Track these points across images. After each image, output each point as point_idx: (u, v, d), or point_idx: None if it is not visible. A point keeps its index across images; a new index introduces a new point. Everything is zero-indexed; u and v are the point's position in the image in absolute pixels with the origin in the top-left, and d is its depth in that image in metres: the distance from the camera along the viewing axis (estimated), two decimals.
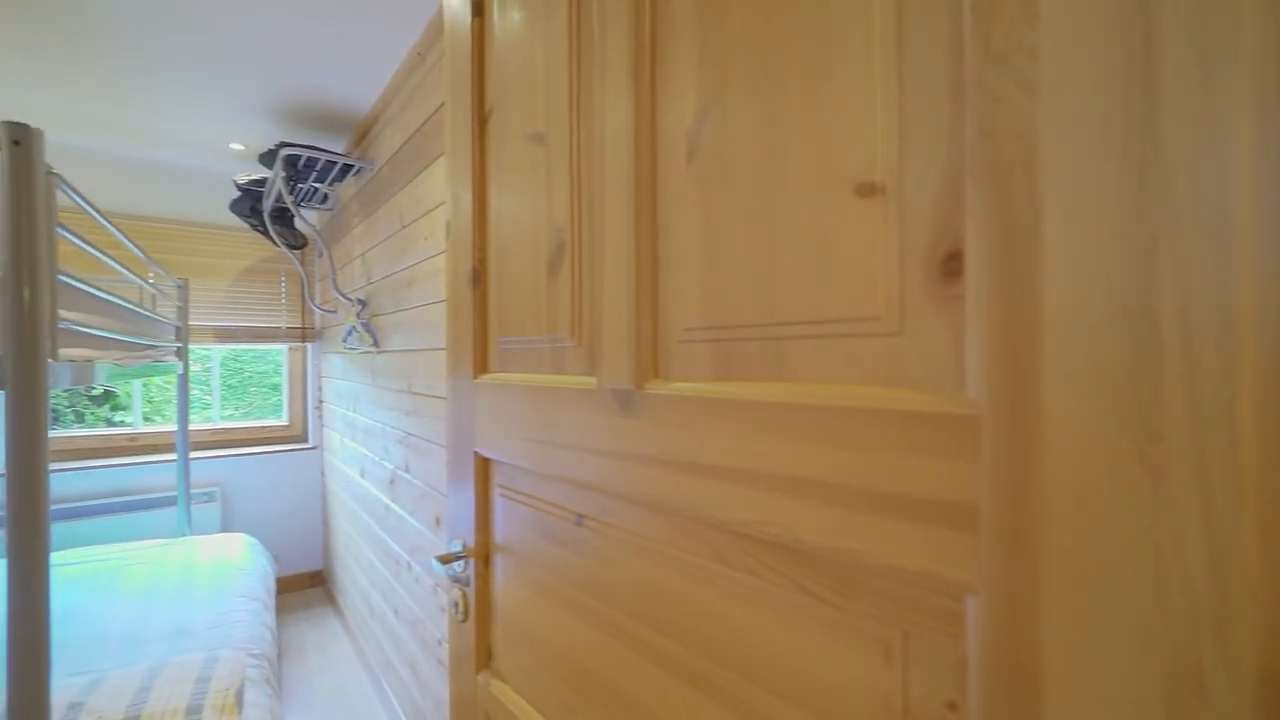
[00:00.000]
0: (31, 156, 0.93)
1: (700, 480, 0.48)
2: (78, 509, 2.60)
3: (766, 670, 0.45)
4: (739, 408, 0.44)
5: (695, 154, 0.49)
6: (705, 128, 0.48)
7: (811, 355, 0.41)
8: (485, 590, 0.82)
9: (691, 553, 0.50)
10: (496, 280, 0.78)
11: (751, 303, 0.45)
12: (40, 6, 1.52)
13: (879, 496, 0.36)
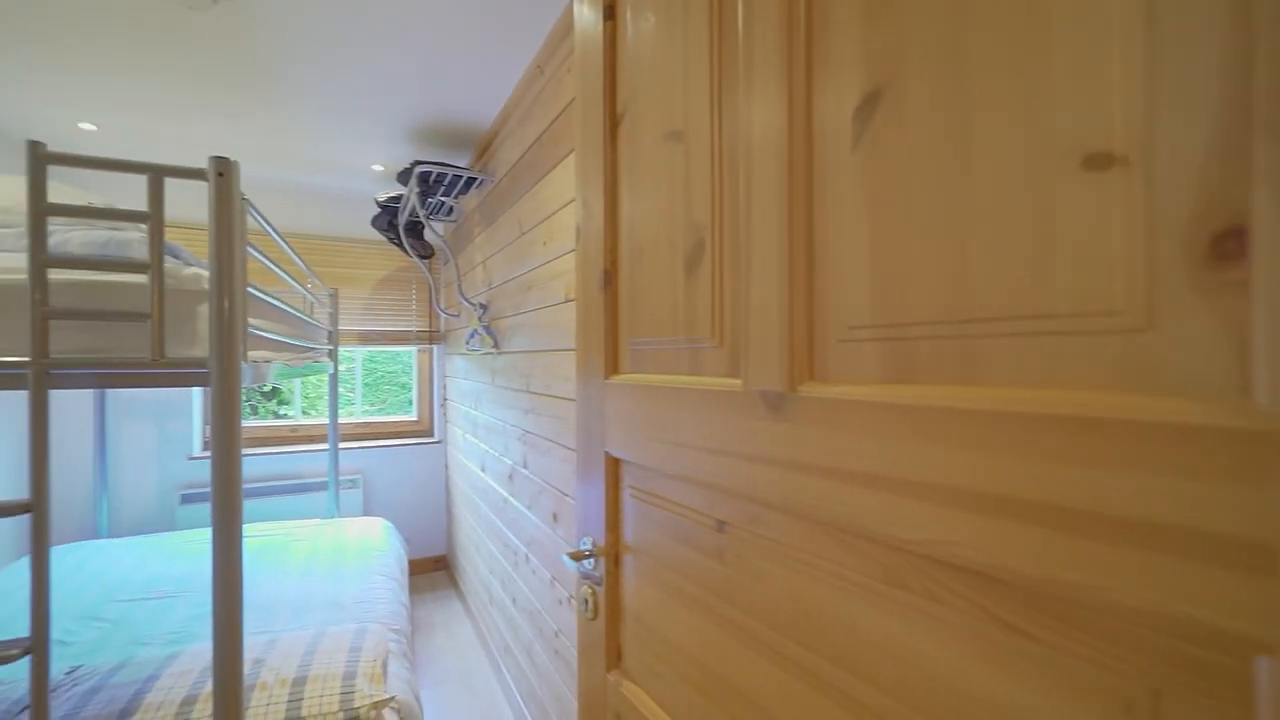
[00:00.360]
0: (231, 185, 1.07)
1: (866, 492, 0.44)
2: (252, 490, 3.00)
3: (945, 705, 0.40)
4: (916, 414, 0.40)
5: (862, 140, 0.45)
6: (875, 111, 0.44)
7: (1015, 356, 0.36)
8: (615, 590, 0.82)
9: (853, 569, 0.46)
10: (628, 281, 0.78)
11: (934, 297, 0.40)
12: (227, 63, 1.78)
13: (1122, 524, 0.30)
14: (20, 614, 1.77)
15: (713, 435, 0.60)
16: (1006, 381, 0.37)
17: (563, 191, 1.57)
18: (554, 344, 1.66)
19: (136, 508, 2.87)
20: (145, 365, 1.04)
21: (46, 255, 0.97)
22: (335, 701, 1.31)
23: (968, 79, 0.38)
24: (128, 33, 1.65)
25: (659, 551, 0.72)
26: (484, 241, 2.42)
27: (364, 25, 1.64)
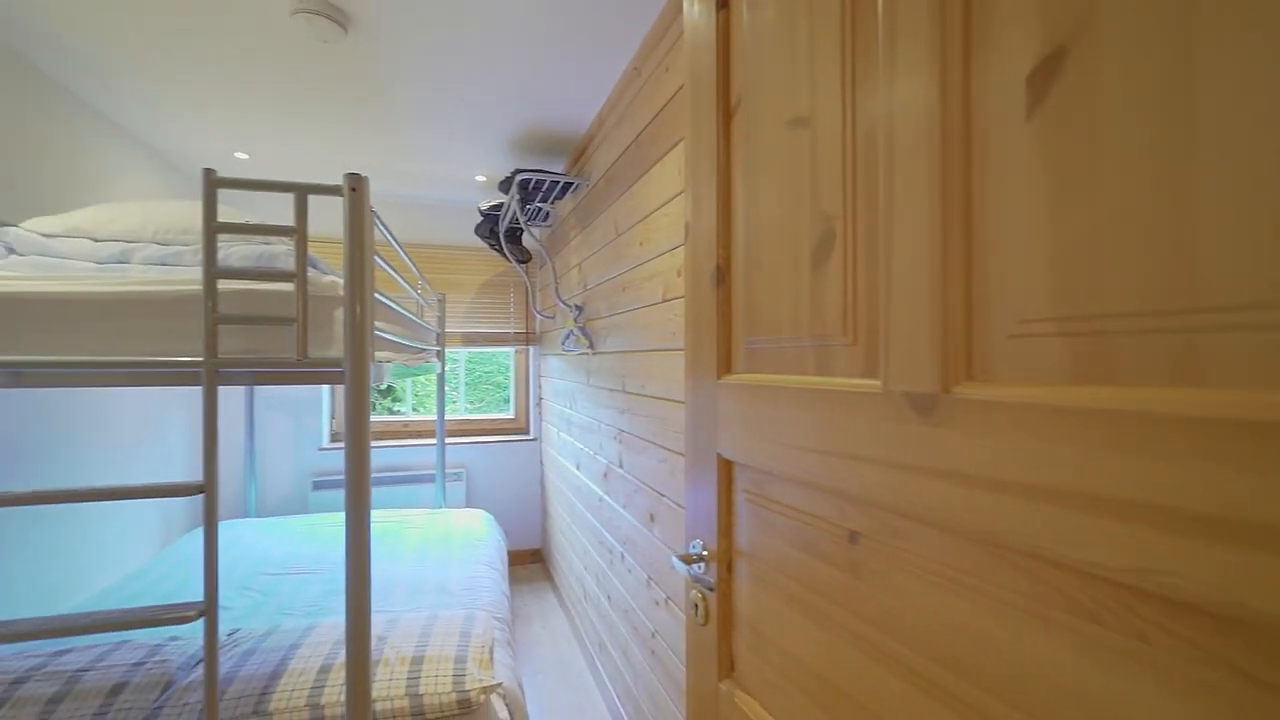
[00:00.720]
0: (362, 199, 1.16)
1: (1046, 509, 0.38)
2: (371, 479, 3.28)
3: None
4: (1120, 420, 0.34)
5: (1040, 108, 0.40)
6: (1056, 73, 0.39)
7: (1259, 352, 0.30)
8: (727, 596, 0.80)
9: (1028, 595, 0.41)
10: (743, 278, 0.75)
11: (1142, 283, 0.35)
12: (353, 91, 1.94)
13: None
14: (191, 580, 2.04)
15: (843, 439, 0.56)
16: (1243, 383, 0.30)
17: (661, 191, 1.57)
18: (650, 344, 1.66)
19: (277, 491, 3.23)
20: (291, 364, 1.15)
21: (216, 268, 1.10)
22: (449, 683, 1.39)
23: (1192, 13, 0.32)
24: (272, 70, 1.85)
25: (778, 559, 0.68)
26: (579, 244, 2.48)
27: (470, 47, 1.73)
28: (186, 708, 1.25)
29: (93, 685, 1.27)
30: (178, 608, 1.07)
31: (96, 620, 1.04)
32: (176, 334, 1.15)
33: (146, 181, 2.49)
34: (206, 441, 1.09)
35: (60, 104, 1.96)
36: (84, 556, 2.09)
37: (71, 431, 2.01)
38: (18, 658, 1.37)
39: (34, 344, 1.09)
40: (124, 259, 1.28)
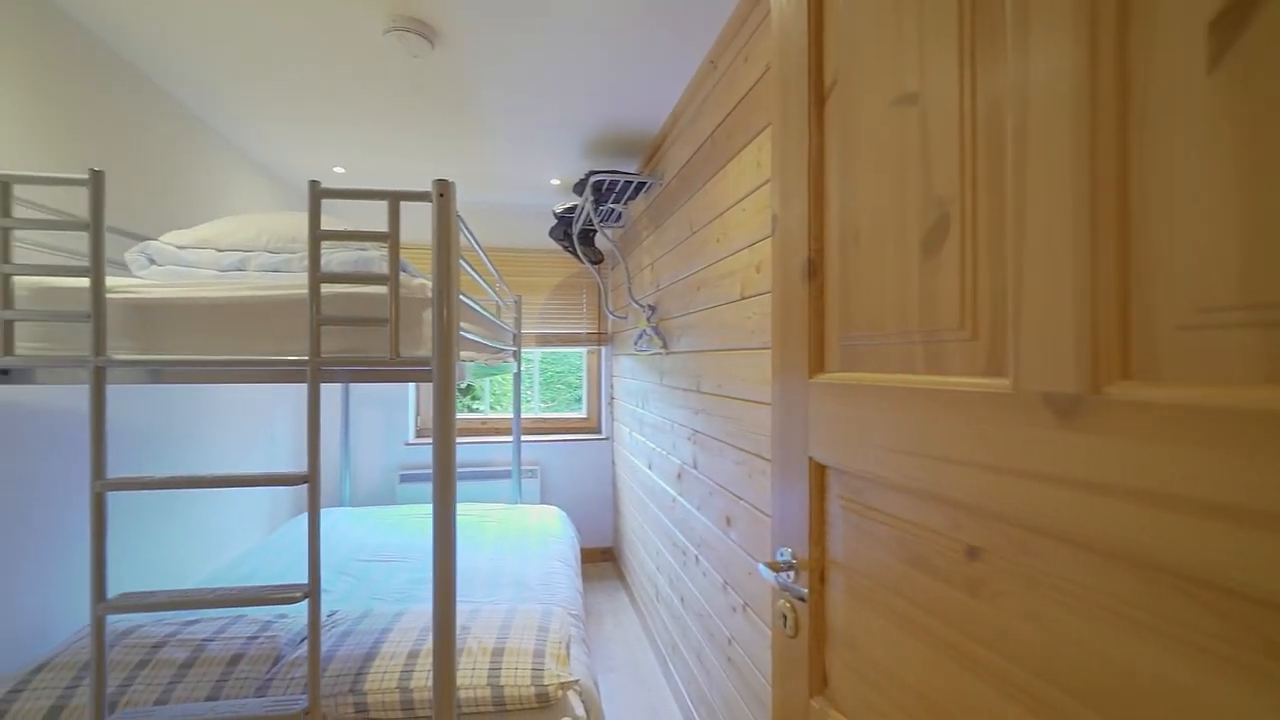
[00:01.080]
0: (449, 204, 1.21)
1: (1229, 530, 0.32)
2: None
3: None
4: None
5: (1229, 54, 0.34)
6: (1253, 13, 0.33)
7: None
8: (820, 609, 0.75)
9: (1210, 635, 0.35)
10: (838, 271, 0.71)
11: None
12: (438, 103, 2.04)
13: None
14: (296, 562, 2.21)
15: (959, 444, 0.51)
16: None
17: (738, 186, 1.53)
18: (726, 343, 1.62)
19: (368, 483, 3.45)
20: (385, 363, 1.21)
21: (320, 273, 1.18)
22: (528, 676, 1.41)
23: None
24: (366, 87, 1.97)
25: (879, 572, 0.63)
26: (652, 244, 2.47)
27: (547, 54, 1.76)
28: (293, 681, 1.34)
29: (216, 654, 1.40)
30: (286, 589, 1.15)
31: (220, 596, 1.13)
32: (285, 335, 1.23)
33: (261, 196, 2.73)
34: (311, 435, 1.17)
35: (194, 132, 2.19)
36: (208, 536, 2.31)
37: (197, 424, 2.24)
38: (156, 624, 1.53)
39: (169, 345, 1.21)
40: (242, 266, 1.40)
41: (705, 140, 1.79)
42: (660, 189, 2.34)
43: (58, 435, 1.56)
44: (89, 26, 1.64)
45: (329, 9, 1.56)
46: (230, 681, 1.33)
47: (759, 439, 1.41)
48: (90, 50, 1.68)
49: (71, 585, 1.60)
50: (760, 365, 1.40)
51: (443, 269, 1.21)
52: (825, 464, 0.74)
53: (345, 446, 3.27)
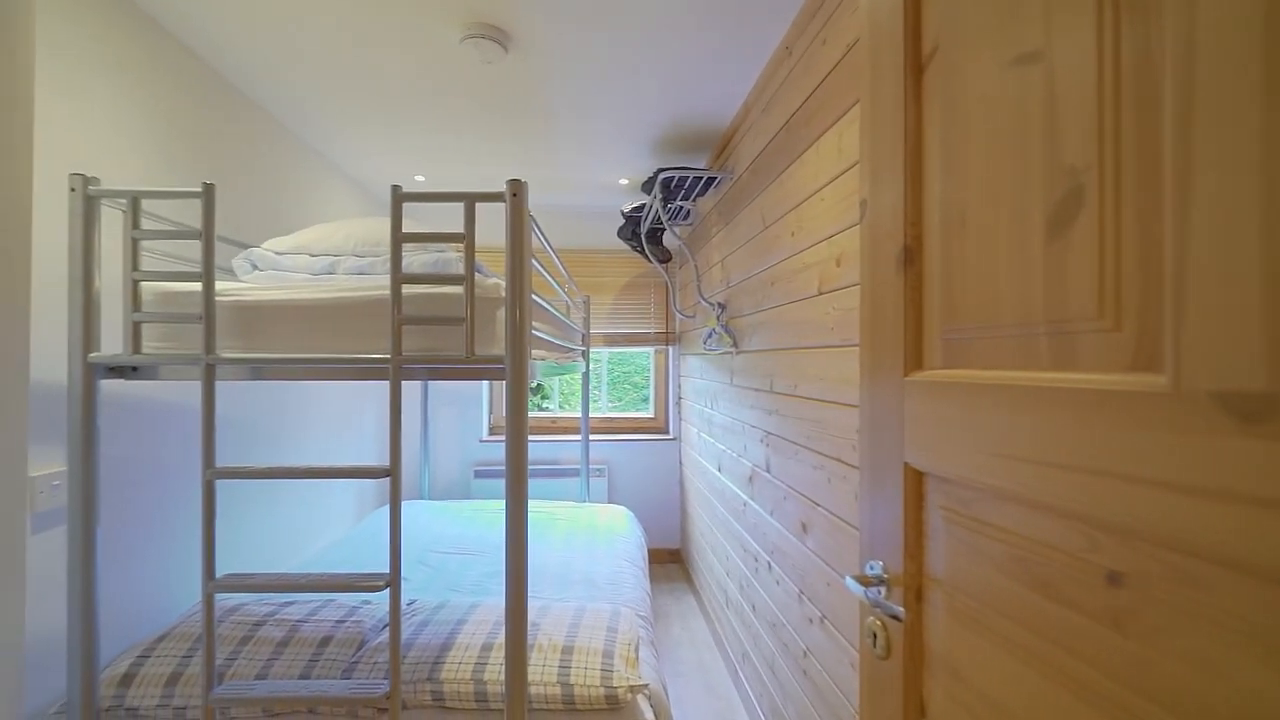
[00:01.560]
0: (522, 203, 1.22)
1: None
2: None
3: None
4: None
5: None
6: None
7: None
8: (916, 630, 0.68)
9: None
10: (939, 258, 0.64)
11: None
12: (510, 109, 2.08)
13: None
14: (380, 552, 2.32)
15: (1098, 451, 0.43)
16: None
17: (816, 175, 1.45)
18: (803, 341, 1.55)
19: (445, 477, 3.59)
20: (461, 361, 1.24)
21: (401, 274, 1.22)
22: (597, 676, 1.41)
23: None
24: (443, 96, 2.04)
25: (991, 595, 0.56)
26: (722, 240, 2.42)
27: (617, 53, 1.75)
28: (376, 666, 1.40)
29: (308, 635, 1.49)
30: (369, 577, 1.20)
31: (310, 581, 1.20)
32: (370, 334, 1.29)
33: (348, 204, 2.91)
34: (392, 431, 1.21)
35: (291, 148, 2.36)
36: (303, 523, 2.48)
37: (295, 419, 2.41)
38: (257, 604, 1.64)
39: (268, 344, 1.30)
40: (332, 270, 1.48)
41: (780, 130, 1.72)
42: (730, 184, 2.28)
43: (169, 426, 1.72)
44: (204, 57, 1.80)
45: (408, 22, 1.62)
46: (320, 662, 1.41)
47: (839, 442, 1.33)
48: (204, 78, 1.84)
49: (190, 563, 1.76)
50: (841, 364, 1.32)
51: (516, 267, 1.22)
52: (923, 471, 0.67)
53: (424, 442, 3.42)
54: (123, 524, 1.55)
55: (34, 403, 1.27)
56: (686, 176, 2.29)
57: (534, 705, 1.37)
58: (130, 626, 1.58)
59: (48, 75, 1.34)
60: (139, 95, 1.59)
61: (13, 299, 0.94)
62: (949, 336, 0.63)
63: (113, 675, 1.35)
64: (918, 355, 0.68)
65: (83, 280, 1.22)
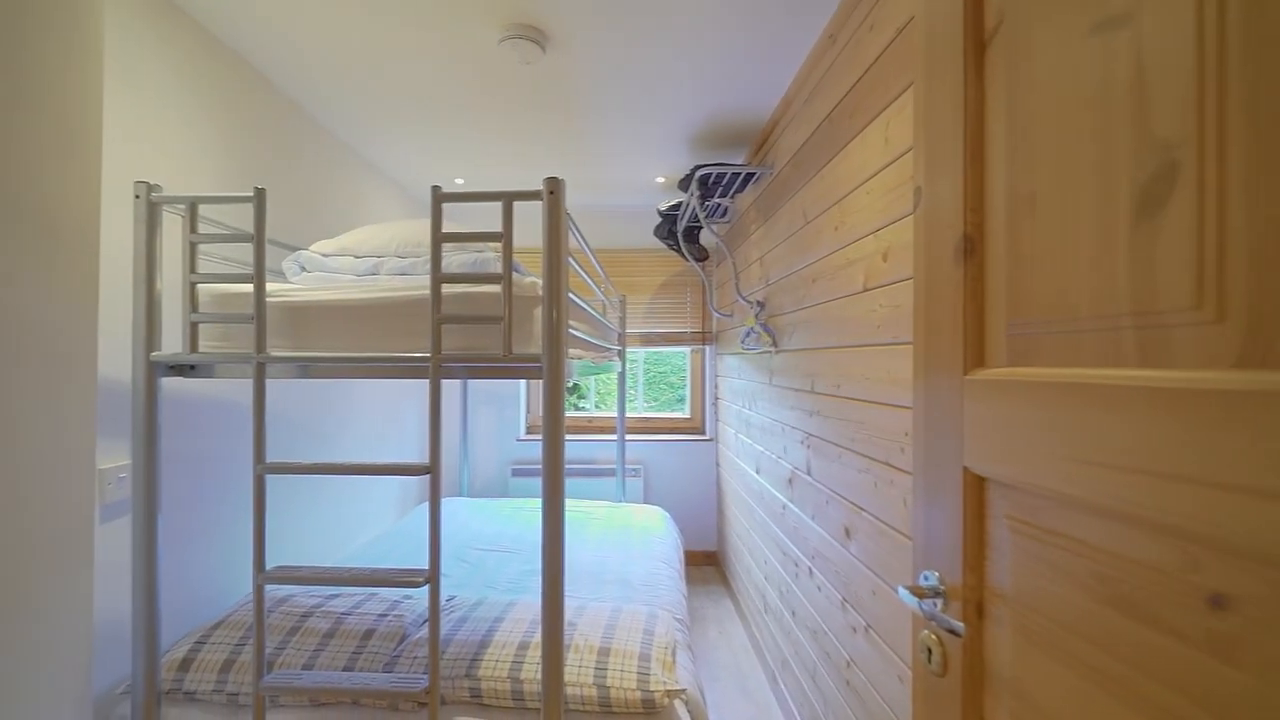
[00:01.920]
0: (559, 201, 1.21)
1: None
2: None
3: None
4: None
5: None
6: None
7: None
8: (976, 647, 0.64)
9: None
10: (1004, 247, 0.59)
11: None
12: (547, 110, 2.09)
13: None
14: (421, 547, 2.37)
15: (1198, 458, 0.39)
16: None
17: (862, 166, 1.39)
18: (846, 339, 1.49)
19: (484, 475, 3.65)
20: (498, 360, 1.24)
21: (440, 274, 1.23)
22: (633, 679, 1.39)
23: None
24: (481, 98, 2.07)
25: (1066, 614, 0.52)
26: (761, 237, 2.37)
27: (655, 48, 1.73)
28: (416, 660, 1.42)
29: (352, 627, 1.52)
30: (410, 573, 1.22)
31: (353, 576, 1.22)
32: (411, 333, 1.31)
33: (392, 208, 2.99)
34: (432, 428, 1.22)
35: (338, 153, 2.43)
36: (349, 518, 2.56)
37: (335, 417, 2.48)
38: (305, 596, 1.69)
39: (315, 343, 1.33)
40: (375, 270, 1.51)
41: (822, 121, 1.66)
42: (770, 179, 2.23)
43: (220, 422, 1.79)
44: (257, 65, 1.87)
45: (449, 26, 1.64)
46: (363, 655, 1.43)
47: (887, 445, 1.27)
48: (257, 86, 1.91)
49: (241, 554, 1.83)
50: (889, 363, 1.26)
51: (553, 265, 1.21)
52: (985, 476, 0.62)
53: (464, 441, 3.48)
54: (181, 515, 1.62)
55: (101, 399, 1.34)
56: (724, 173, 2.25)
57: (569, 706, 1.36)
58: (188, 612, 1.65)
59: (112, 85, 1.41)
60: (196, 103, 1.66)
61: (83, 302, 0.98)
62: (1015, 332, 0.58)
63: (172, 659, 1.41)
64: (979, 352, 0.63)
65: (146, 282, 1.28)
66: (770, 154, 2.22)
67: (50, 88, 0.90)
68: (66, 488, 0.94)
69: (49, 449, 0.91)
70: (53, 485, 0.91)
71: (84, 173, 0.97)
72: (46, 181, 0.90)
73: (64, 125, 0.92)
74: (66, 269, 0.94)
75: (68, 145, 0.93)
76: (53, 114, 0.90)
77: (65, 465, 0.94)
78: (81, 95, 0.96)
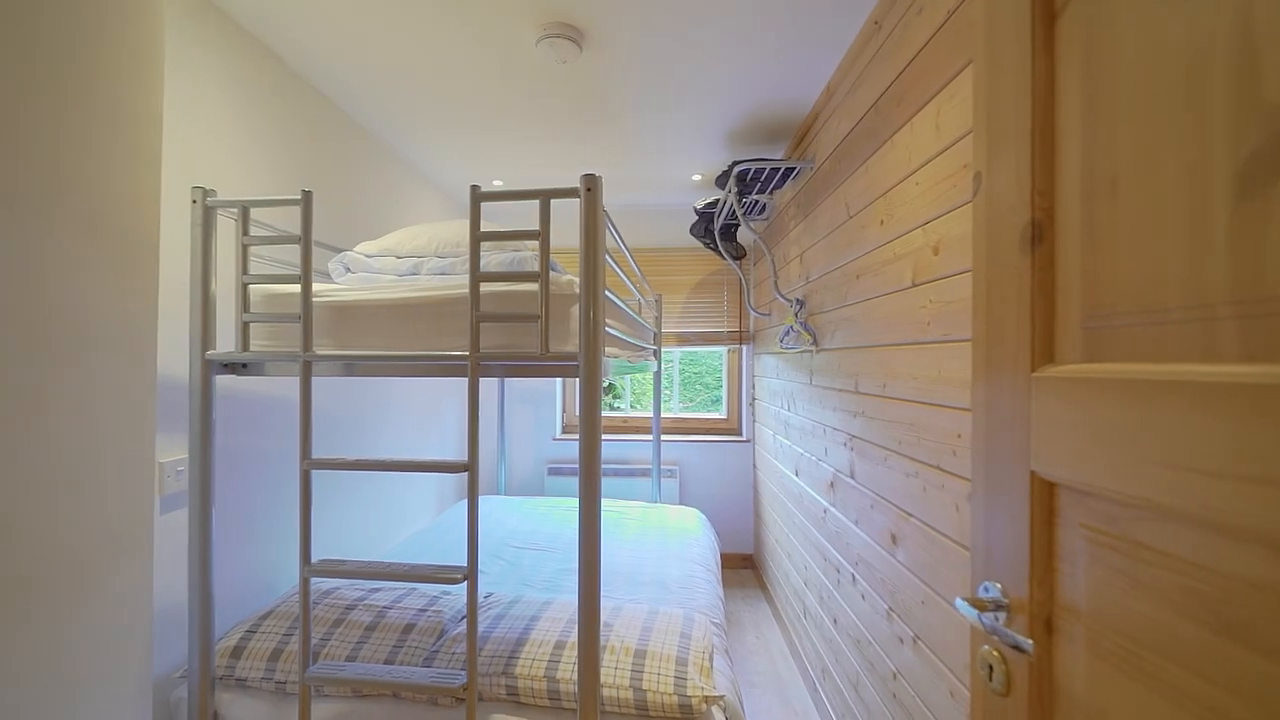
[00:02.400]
0: (597, 198, 1.20)
1: None
2: None
3: None
4: None
5: None
6: None
7: None
8: (1045, 666, 0.59)
9: None
10: (1079, 232, 0.55)
11: None
12: (584, 109, 2.08)
13: None
14: (460, 544, 2.40)
15: None
16: None
17: (910, 157, 1.34)
18: (893, 337, 1.43)
19: (520, 474, 3.68)
20: (536, 358, 1.24)
21: (479, 272, 1.24)
22: (670, 683, 1.36)
23: None
24: (518, 99, 2.08)
25: (1156, 636, 0.47)
26: (800, 234, 2.31)
27: (692, 43, 1.71)
28: (454, 656, 1.43)
29: (393, 621, 1.55)
30: (448, 569, 1.23)
31: (393, 571, 1.24)
32: (451, 332, 1.32)
33: (433, 209, 3.05)
34: (470, 426, 1.23)
35: (382, 157, 2.49)
36: (390, 513, 2.62)
37: (375, 414, 2.54)
38: (349, 589, 1.73)
39: (359, 342, 1.36)
40: (416, 270, 1.53)
41: (866, 111, 1.61)
42: (810, 174, 2.17)
43: (267, 419, 1.85)
44: (305, 74, 1.93)
45: (486, 27, 1.65)
46: (404, 649, 1.46)
47: (937, 447, 1.21)
48: (304, 93, 1.97)
49: (286, 546, 1.89)
50: (939, 361, 1.20)
51: (590, 262, 1.20)
52: (1055, 481, 0.58)
53: (501, 439, 3.52)
54: (232, 507, 1.68)
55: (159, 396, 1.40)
56: (763, 168, 2.20)
57: (605, 709, 1.35)
58: (239, 601, 1.71)
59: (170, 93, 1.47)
60: (246, 109, 1.73)
61: (143, 303, 1.03)
62: (1093, 325, 0.53)
63: (225, 646, 1.47)
64: (1048, 347, 0.58)
65: (202, 283, 1.33)
66: (811, 147, 2.16)
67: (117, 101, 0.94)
68: (130, 479, 0.98)
69: (114, 441, 0.95)
70: (118, 476, 0.95)
71: (145, 179, 1.01)
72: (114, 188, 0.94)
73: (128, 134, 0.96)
74: (129, 271, 0.98)
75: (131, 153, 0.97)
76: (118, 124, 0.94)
77: (129, 457, 0.98)
78: (144, 105, 1.00)
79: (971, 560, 0.70)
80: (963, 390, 1.11)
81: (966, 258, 1.09)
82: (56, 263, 0.85)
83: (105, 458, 0.93)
